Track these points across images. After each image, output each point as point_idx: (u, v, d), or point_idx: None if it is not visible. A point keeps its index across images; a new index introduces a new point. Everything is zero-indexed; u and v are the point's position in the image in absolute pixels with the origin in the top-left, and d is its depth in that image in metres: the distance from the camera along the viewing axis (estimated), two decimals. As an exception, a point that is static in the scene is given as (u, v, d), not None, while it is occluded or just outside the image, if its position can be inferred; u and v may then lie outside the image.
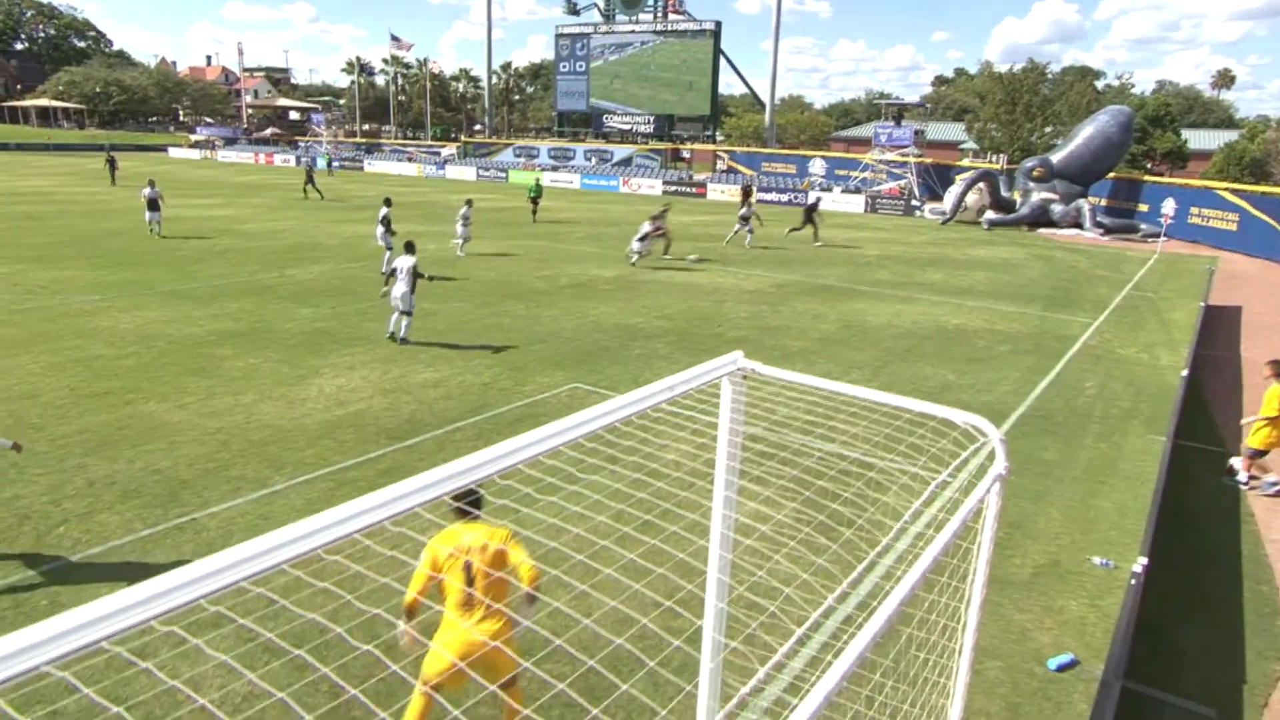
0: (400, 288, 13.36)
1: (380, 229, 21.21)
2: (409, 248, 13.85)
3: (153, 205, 25.20)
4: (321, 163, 65.94)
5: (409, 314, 13.60)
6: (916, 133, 45.81)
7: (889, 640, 3.89)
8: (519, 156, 62.86)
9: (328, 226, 28.45)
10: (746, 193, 39.35)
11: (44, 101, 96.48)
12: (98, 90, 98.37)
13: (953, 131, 74.44)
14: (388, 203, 22.00)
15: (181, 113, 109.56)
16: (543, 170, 55.99)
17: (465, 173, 60.10)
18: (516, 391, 11.33)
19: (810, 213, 29.79)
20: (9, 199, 35.38)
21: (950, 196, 39.07)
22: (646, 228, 22.71)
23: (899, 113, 48.79)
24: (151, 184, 25.64)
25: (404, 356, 12.84)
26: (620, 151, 58.56)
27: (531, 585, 4.30)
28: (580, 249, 25.69)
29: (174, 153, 79.64)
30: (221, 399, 10.68)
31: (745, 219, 27.41)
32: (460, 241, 23.75)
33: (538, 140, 69.33)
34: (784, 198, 46.16)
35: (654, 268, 22.23)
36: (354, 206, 36.34)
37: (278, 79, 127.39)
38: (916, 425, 4.62)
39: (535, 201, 32.83)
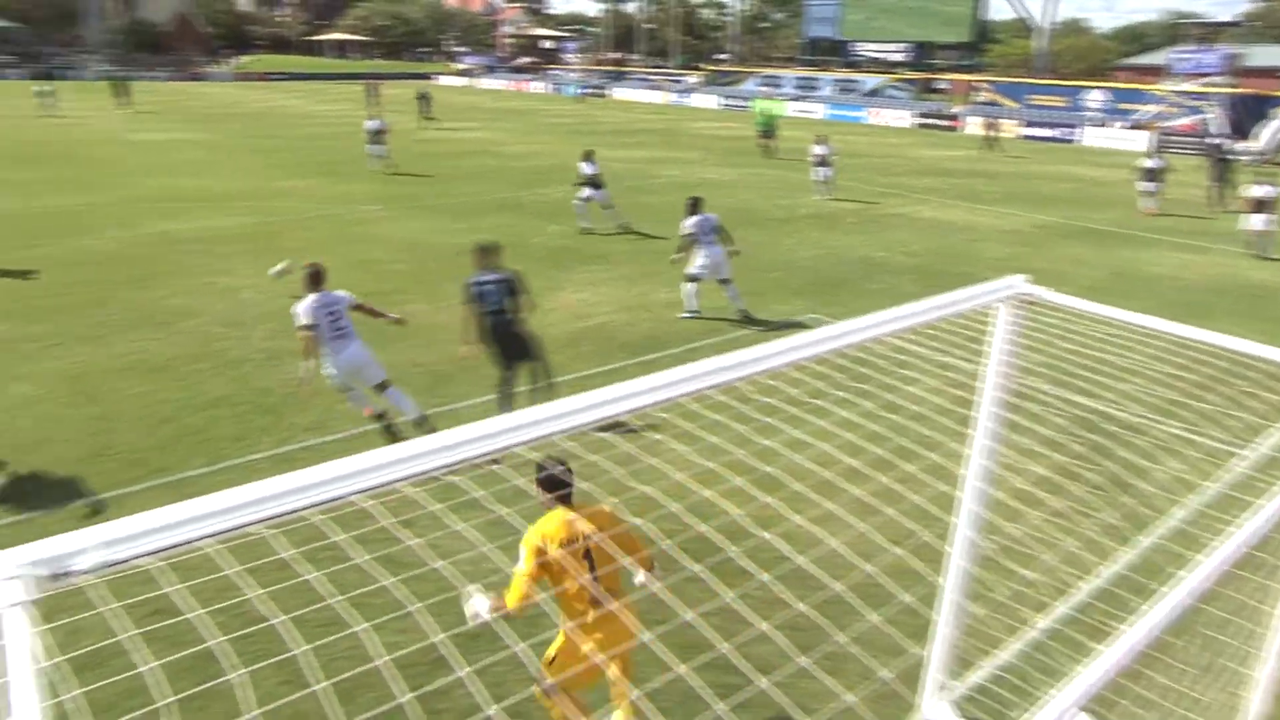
0: (710, 255, 10.97)
1: (586, 192, 16.54)
2: (694, 205, 11.17)
3: (377, 137, 22.90)
4: (571, 90, 68.45)
5: (728, 280, 11.22)
6: (1231, 57, 39.18)
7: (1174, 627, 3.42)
8: (763, 85, 61.44)
9: (576, 149, 29.53)
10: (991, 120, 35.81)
11: (338, 35, 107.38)
12: (383, 24, 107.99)
13: (1278, 56, 63.09)
14: (589, 158, 16.86)
15: (449, 43, 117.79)
16: (786, 100, 54.37)
17: (708, 101, 59.78)
18: (752, 315, 11.22)
19: (1221, 165, 22.00)
20: (307, 122, 40.02)
21: (1268, 132, 33.30)
22: (1259, 192, 16.64)
23: (1208, 34, 41.94)
24: (373, 115, 23.89)
25: (644, 276, 13.12)
26: (869, 81, 55.47)
27: (646, 565, 4.03)
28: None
29: (441, 80, 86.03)
30: (477, 304, 11.51)
31: (1154, 175, 20.66)
32: (823, 184, 21.01)
33: (782, 69, 67.32)
34: (1052, 133, 41.63)
35: (900, 202, 20.99)
36: (601, 131, 37.41)
37: (535, 9, 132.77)
38: (1221, 381, 3.95)
39: (768, 136, 29.51)
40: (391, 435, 7.69)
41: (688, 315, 11.13)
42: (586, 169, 16.64)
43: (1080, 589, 5.45)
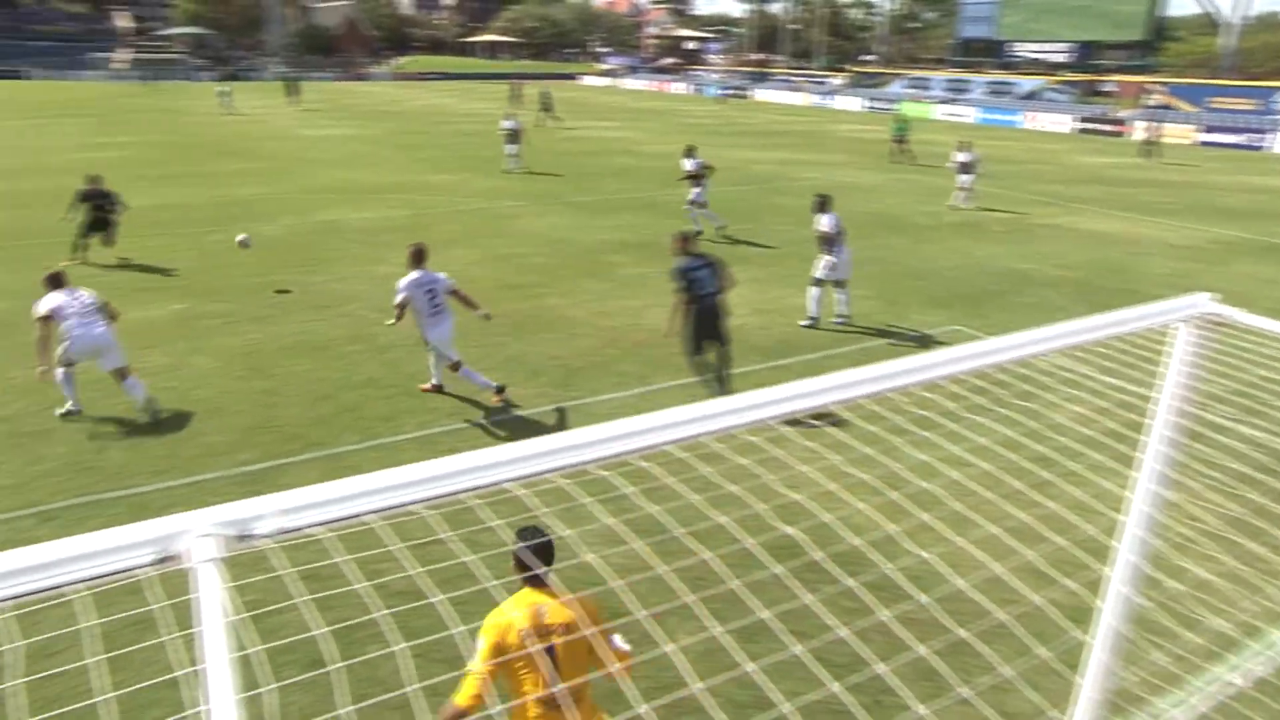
0: (839, 256, 10.64)
1: (696, 190, 16.12)
2: (823, 204, 10.75)
3: (513, 137, 23.29)
4: (712, 90, 68.47)
5: (845, 283, 10.90)
6: None
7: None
8: (910, 88, 59.42)
9: (715, 150, 29.48)
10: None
11: (489, 37, 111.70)
12: (532, 25, 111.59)
13: None
14: (690, 154, 16.40)
15: (594, 44, 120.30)
16: (933, 103, 52.38)
17: (851, 103, 58.38)
18: (892, 326, 10.87)
19: None
20: (457, 119, 41.80)
21: None
22: None
23: None
24: (509, 114, 24.68)
25: (779, 280, 12.94)
26: (1026, 84, 52.60)
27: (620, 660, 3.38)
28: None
29: (585, 80, 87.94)
30: (613, 301, 11.69)
31: None
32: (962, 193, 19.57)
33: (931, 70, 64.89)
34: (1237, 140, 38.14)
35: (1055, 211, 19.79)
36: (741, 132, 37.23)
37: (679, 10, 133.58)
38: None
39: (900, 141, 28.31)
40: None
41: (807, 324, 10.76)
42: (688, 165, 16.06)
43: (1265, 648, 4.95)
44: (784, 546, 5.23)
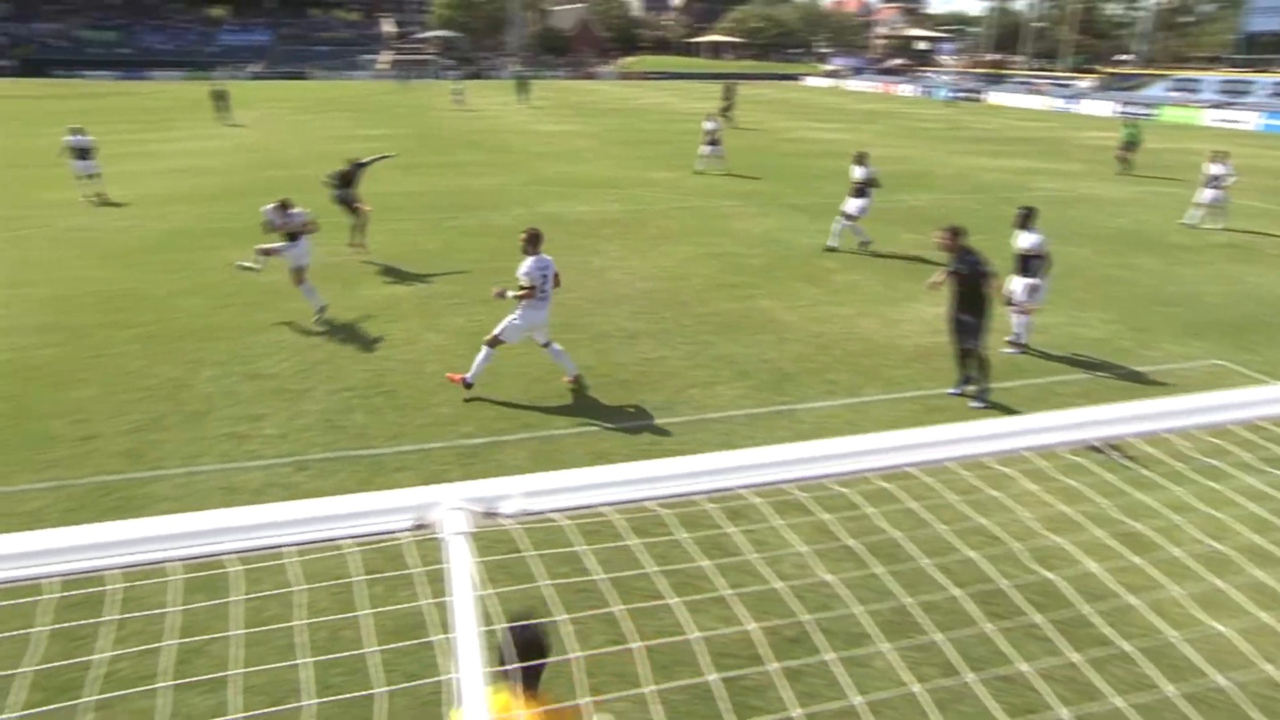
0: (1028, 280, 9.50)
1: (859, 203, 14.57)
2: (1026, 218, 9.55)
3: (710, 135, 23.40)
4: (942, 93, 65.15)
5: (1023, 311, 9.68)
6: None
7: None
8: (1175, 90, 53.30)
9: (942, 156, 28.02)
10: None
11: (714, 37, 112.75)
12: (756, 26, 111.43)
13: None
14: (861, 161, 14.63)
15: (818, 44, 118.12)
16: (1204, 107, 46.63)
17: (1100, 108, 53.31)
18: (1137, 355, 9.77)
19: None
20: (680, 118, 42.55)
21: None
22: None
23: None
24: (711, 115, 24.72)
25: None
26: (1326, 84, 45.56)
27: None
28: (1239, 202, 20.84)
29: (808, 81, 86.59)
30: (825, 307, 11.40)
31: None
32: (1208, 207, 17.35)
33: (1202, 71, 57.81)
34: None
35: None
36: (971, 139, 35.13)
37: (912, 9, 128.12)
38: None
39: (1128, 149, 25.41)
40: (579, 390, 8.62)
41: (1013, 350, 9.67)
42: (858, 173, 14.47)
43: None
44: (1040, 592, 4.72)
